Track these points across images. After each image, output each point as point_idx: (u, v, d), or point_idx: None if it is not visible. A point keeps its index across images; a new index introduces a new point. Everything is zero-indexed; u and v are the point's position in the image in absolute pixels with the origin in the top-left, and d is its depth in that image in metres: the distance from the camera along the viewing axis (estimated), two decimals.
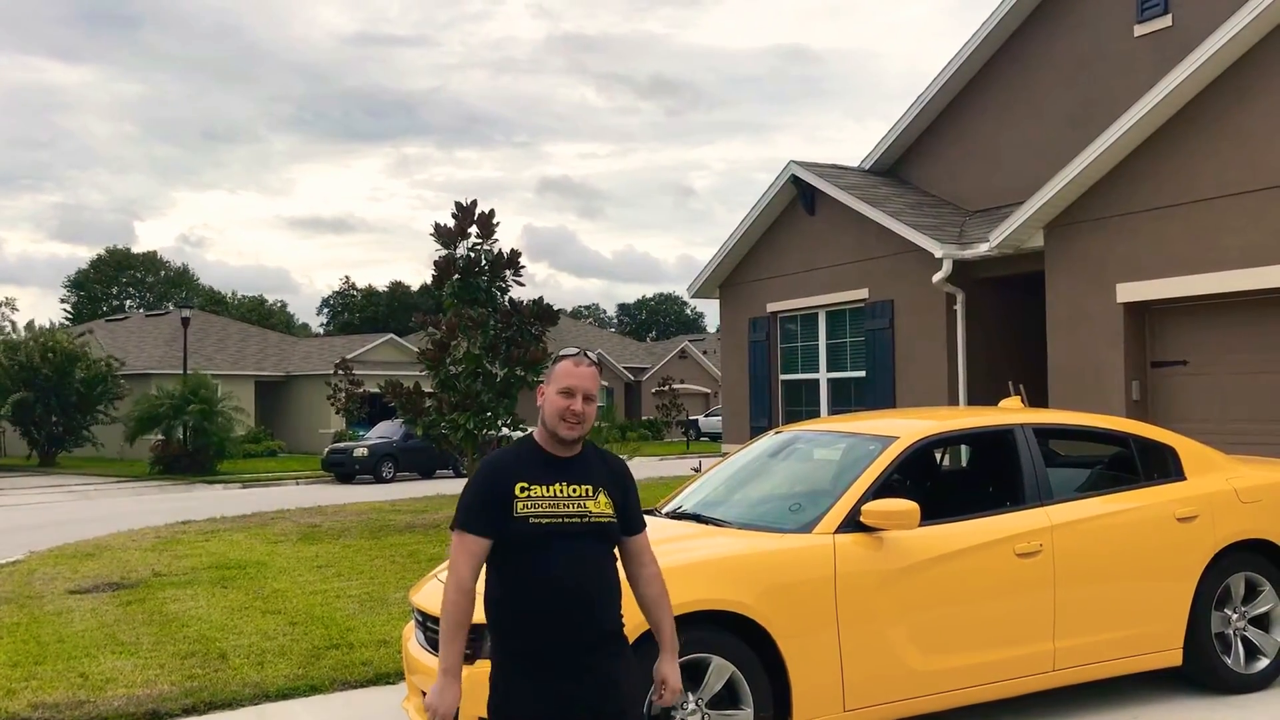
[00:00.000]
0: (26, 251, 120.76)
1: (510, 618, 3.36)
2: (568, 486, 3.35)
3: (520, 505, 3.29)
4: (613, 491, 3.43)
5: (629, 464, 3.93)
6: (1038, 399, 11.43)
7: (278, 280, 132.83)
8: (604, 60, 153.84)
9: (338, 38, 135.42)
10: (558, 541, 3.29)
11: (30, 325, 39.05)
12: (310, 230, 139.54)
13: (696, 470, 18.23)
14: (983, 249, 12.48)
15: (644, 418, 52.42)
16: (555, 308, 15.57)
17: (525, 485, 3.32)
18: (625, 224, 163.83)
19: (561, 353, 3.50)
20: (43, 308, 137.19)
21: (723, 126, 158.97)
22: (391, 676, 6.92)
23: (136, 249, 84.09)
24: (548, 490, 3.33)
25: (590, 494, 3.37)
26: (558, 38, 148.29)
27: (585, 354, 3.47)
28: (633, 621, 3.64)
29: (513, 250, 15.24)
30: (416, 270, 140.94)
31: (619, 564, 3.50)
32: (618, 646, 3.41)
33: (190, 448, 30.61)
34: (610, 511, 3.39)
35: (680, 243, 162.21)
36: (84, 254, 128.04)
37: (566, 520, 3.31)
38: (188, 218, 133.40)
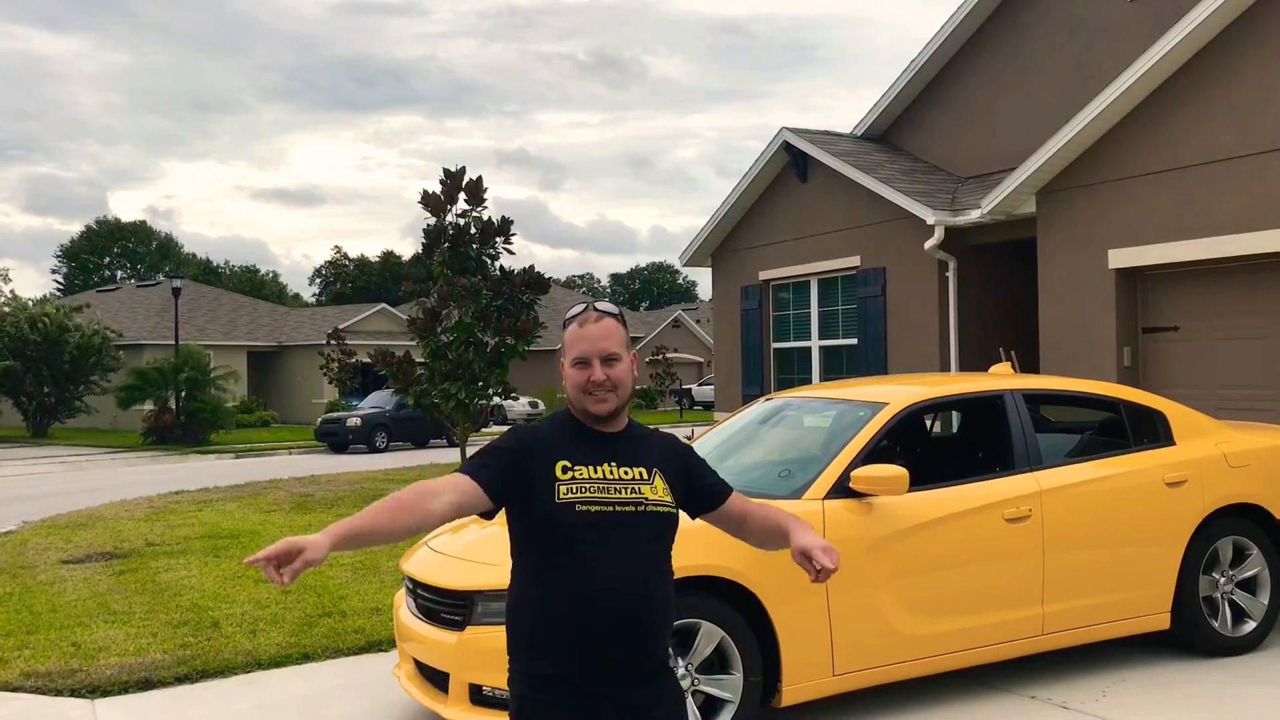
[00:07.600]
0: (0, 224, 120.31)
1: (542, 634, 2.68)
2: (618, 468, 2.73)
3: (563, 489, 2.66)
4: (670, 475, 2.81)
5: None
6: (1029, 365, 11.44)
7: (255, 251, 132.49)
8: (592, 28, 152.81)
9: (325, 6, 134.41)
10: (608, 536, 2.66)
11: (15, 297, 38.69)
12: (294, 201, 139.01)
13: (689, 438, 18.23)
14: (975, 215, 12.45)
15: (638, 386, 52.44)
16: (547, 277, 15.52)
17: (569, 465, 2.70)
18: (598, 194, 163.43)
19: (569, 314, 2.82)
20: (20, 280, 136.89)
21: (713, 94, 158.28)
22: (383, 644, 6.95)
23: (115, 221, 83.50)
24: (595, 471, 2.70)
25: (644, 477, 2.75)
26: (540, 7, 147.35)
27: (593, 306, 2.79)
28: None
29: (503, 218, 15.16)
30: (390, 241, 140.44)
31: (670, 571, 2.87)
32: (670, 683, 2.79)
33: (183, 418, 30.57)
34: (669, 499, 2.77)
35: (667, 212, 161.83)
36: (58, 226, 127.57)
37: (619, 509, 2.68)
38: (162, 189, 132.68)
